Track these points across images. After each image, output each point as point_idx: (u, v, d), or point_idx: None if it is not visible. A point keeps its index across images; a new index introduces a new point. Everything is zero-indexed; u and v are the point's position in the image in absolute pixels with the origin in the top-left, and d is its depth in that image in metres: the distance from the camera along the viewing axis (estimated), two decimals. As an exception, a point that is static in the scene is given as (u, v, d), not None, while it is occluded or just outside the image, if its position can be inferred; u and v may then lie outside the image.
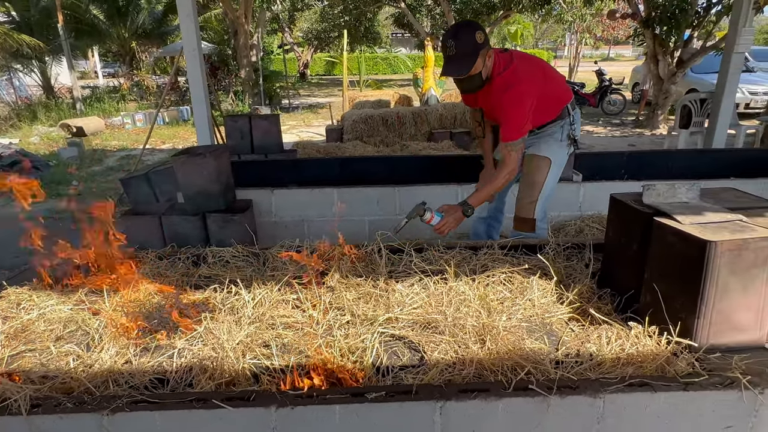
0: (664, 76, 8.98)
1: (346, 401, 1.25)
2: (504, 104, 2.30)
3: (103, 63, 24.27)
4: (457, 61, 2.25)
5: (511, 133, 2.31)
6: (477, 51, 2.23)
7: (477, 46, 2.23)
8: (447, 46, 2.25)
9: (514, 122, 2.30)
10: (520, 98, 2.29)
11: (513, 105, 2.29)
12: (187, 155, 3.01)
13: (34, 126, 10.96)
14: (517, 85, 2.28)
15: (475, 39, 2.22)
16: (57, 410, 1.25)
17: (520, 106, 2.29)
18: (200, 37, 4.61)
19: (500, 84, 2.31)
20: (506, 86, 2.29)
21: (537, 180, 2.56)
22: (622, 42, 24.24)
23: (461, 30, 2.28)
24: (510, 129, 2.31)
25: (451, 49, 2.23)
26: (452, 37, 2.23)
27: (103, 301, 1.81)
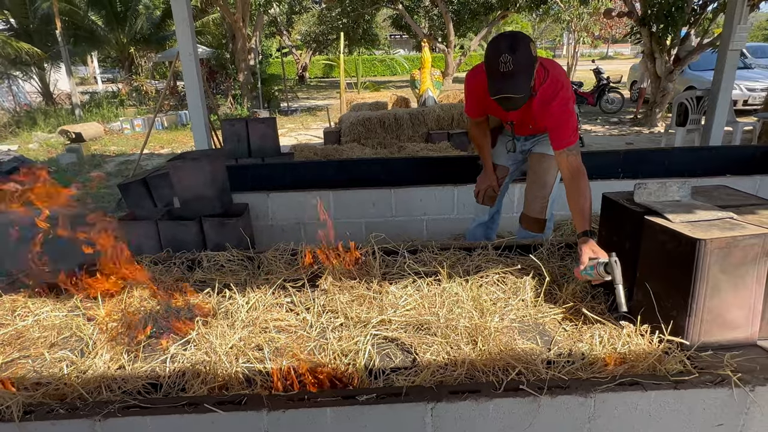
0: (662, 74, 8.98)
1: (337, 404, 1.26)
2: (555, 112, 2.19)
3: (102, 68, 24.32)
4: (516, 79, 2.00)
5: (570, 137, 2.18)
6: (533, 65, 2.04)
7: (533, 60, 2.04)
8: (501, 61, 1.98)
9: (570, 126, 2.20)
10: (567, 102, 2.21)
11: (564, 111, 2.19)
12: (182, 160, 3.01)
13: (33, 132, 10.98)
14: (561, 90, 2.20)
15: (531, 52, 2.02)
16: (49, 416, 1.25)
17: (570, 110, 2.22)
18: (196, 42, 4.62)
19: (545, 93, 2.20)
20: (552, 94, 2.19)
21: (548, 180, 2.53)
22: (621, 40, 24.23)
23: (517, 42, 2.01)
24: (568, 133, 2.18)
25: (508, 64, 1.97)
26: (509, 51, 1.97)
27: (97, 307, 1.82)
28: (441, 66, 17.35)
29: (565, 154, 2.18)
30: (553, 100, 2.19)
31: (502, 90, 2.04)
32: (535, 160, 2.60)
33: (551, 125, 2.23)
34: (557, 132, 2.20)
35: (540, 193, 2.55)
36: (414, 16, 19.55)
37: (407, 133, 6.85)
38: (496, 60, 1.99)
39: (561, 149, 2.18)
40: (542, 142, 2.59)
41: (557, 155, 2.23)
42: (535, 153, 2.61)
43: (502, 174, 2.76)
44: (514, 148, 2.66)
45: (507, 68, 1.98)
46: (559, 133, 2.19)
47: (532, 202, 2.58)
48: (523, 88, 2.04)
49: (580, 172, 2.11)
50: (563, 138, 2.18)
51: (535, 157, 2.60)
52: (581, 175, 2.11)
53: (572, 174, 2.13)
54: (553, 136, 2.23)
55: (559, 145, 2.18)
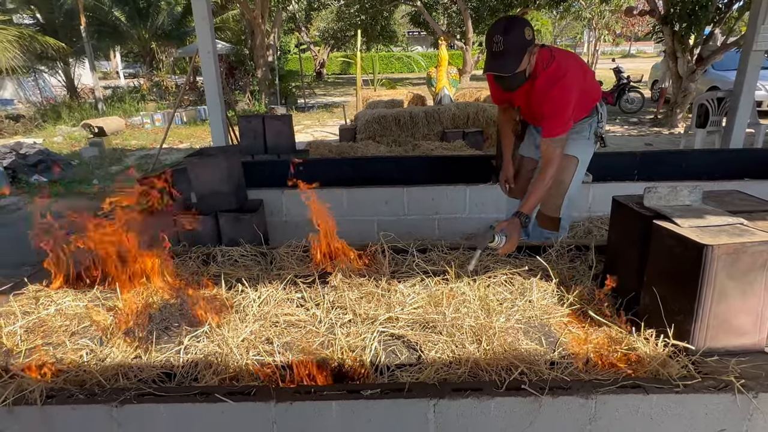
0: (683, 74, 8.81)
1: (342, 398, 1.30)
2: (549, 100, 2.24)
3: (124, 63, 24.78)
4: (504, 59, 2.15)
5: (556, 128, 2.25)
6: (525, 48, 2.15)
7: (525, 43, 2.14)
8: (494, 41, 2.13)
9: (560, 118, 2.25)
10: (565, 93, 2.24)
11: (559, 100, 2.24)
12: (199, 156, 3.09)
13: (57, 126, 11.28)
14: (563, 79, 2.23)
15: (524, 35, 2.13)
16: (70, 401, 1.32)
17: (565, 102, 2.25)
18: (216, 38, 4.70)
19: (545, 80, 2.25)
20: (552, 82, 2.23)
21: (564, 179, 2.53)
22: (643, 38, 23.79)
23: (510, 25, 2.15)
24: (555, 124, 2.25)
25: (498, 45, 2.12)
26: (500, 32, 2.12)
27: (117, 298, 1.89)
28: (459, 63, 17.26)
29: (548, 143, 2.27)
30: (554, 85, 2.23)
31: (491, 67, 2.21)
32: None
33: (545, 111, 2.28)
34: (550, 121, 2.27)
35: (554, 191, 2.55)
36: (432, 13, 19.46)
37: (422, 131, 6.85)
38: (490, 39, 2.17)
39: (546, 137, 2.27)
40: None
41: (542, 142, 2.32)
42: None
43: (531, 166, 2.77)
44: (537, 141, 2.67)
45: (498, 48, 2.14)
46: (551, 123, 2.26)
47: (547, 200, 2.57)
48: (510, 68, 2.17)
49: (553, 163, 2.25)
50: (554, 128, 2.25)
51: None
52: (553, 166, 2.25)
53: (546, 162, 2.27)
54: (544, 123, 2.29)
55: (548, 134, 2.27)
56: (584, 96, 2.41)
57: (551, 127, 2.25)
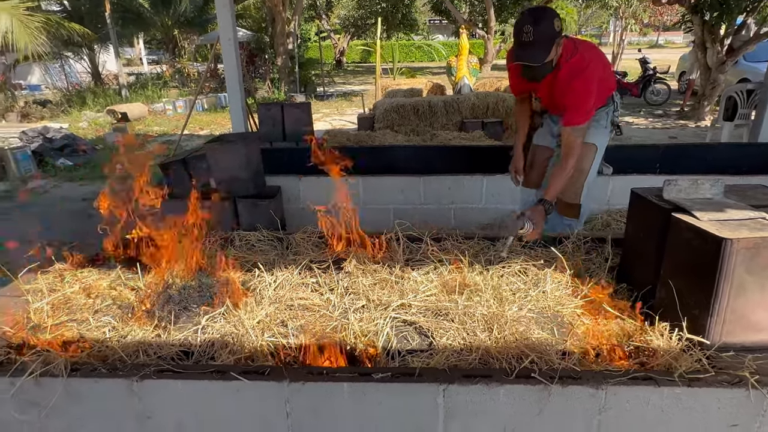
0: (713, 65, 8.55)
1: (354, 380, 1.32)
2: (572, 90, 2.29)
3: (147, 50, 25.09)
4: (533, 49, 2.18)
5: (579, 117, 2.29)
6: (554, 39, 2.19)
7: (554, 34, 2.18)
8: (524, 31, 2.16)
9: (583, 107, 2.29)
10: (587, 84, 2.29)
11: (581, 91, 2.28)
12: (219, 142, 3.13)
13: (82, 111, 11.52)
14: (586, 70, 2.27)
15: (553, 26, 2.17)
16: (93, 375, 1.37)
17: (587, 92, 2.30)
18: (236, 26, 4.73)
19: (568, 70, 2.28)
20: (576, 72, 2.27)
21: (584, 166, 2.54)
22: (671, 28, 23.08)
23: (541, 16, 2.18)
24: (578, 114, 2.29)
25: (529, 35, 2.15)
26: (530, 22, 2.15)
27: (138, 279, 1.95)
28: (480, 52, 17.03)
29: (568, 131, 2.31)
30: (576, 77, 2.27)
31: (520, 57, 2.24)
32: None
33: (569, 101, 2.32)
34: (572, 111, 2.31)
35: (576, 178, 2.56)
36: (454, 1, 19.21)
37: (441, 120, 6.81)
38: (520, 29, 2.18)
39: (568, 126, 2.31)
40: None
41: (563, 131, 2.36)
42: None
43: (546, 154, 2.79)
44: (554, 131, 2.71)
45: (527, 38, 2.16)
46: (573, 112, 2.30)
47: (568, 187, 2.57)
48: (539, 59, 2.20)
49: (574, 152, 2.30)
50: (575, 117, 2.29)
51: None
52: (574, 155, 2.30)
53: (566, 151, 2.32)
54: (567, 112, 2.33)
55: (568, 122, 2.30)
56: (602, 87, 2.43)
57: (573, 117, 2.29)
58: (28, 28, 9.54)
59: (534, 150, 2.84)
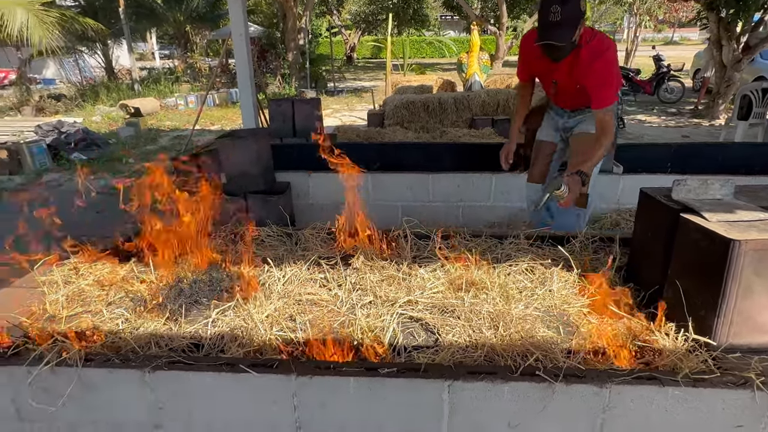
0: (728, 63, 8.43)
1: (360, 374, 1.35)
2: (597, 70, 2.33)
3: (159, 45, 25.26)
4: (561, 29, 2.22)
5: (609, 97, 2.34)
6: (579, 19, 2.23)
7: (580, 14, 2.23)
8: (551, 11, 2.20)
9: (609, 87, 2.35)
10: (612, 63, 2.36)
11: (607, 70, 2.34)
12: (230, 138, 3.16)
13: (96, 105, 11.66)
14: (608, 51, 2.33)
15: (579, 6, 2.22)
16: (106, 365, 1.41)
17: (611, 72, 2.37)
18: (248, 24, 4.76)
19: (589, 52, 2.33)
20: (597, 53, 2.32)
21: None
22: (687, 24, 22.73)
23: None
24: (607, 94, 2.34)
25: (556, 15, 2.20)
26: (559, 2, 2.19)
27: (150, 272, 1.99)
28: (492, 48, 16.91)
29: (602, 113, 2.34)
30: (599, 57, 2.31)
31: (547, 37, 2.26)
32: (578, 140, 2.66)
33: (594, 83, 2.35)
34: (599, 90, 2.34)
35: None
36: (466, -3, 19.06)
37: (451, 117, 6.79)
38: (547, 9, 2.21)
39: (600, 108, 2.34)
40: (584, 121, 2.65)
41: (594, 114, 2.38)
42: (576, 135, 2.67)
43: (549, 150, 2.84)
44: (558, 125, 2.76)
45: (555, 18, 2.19)
46: (601, 92, 2.33)
47: None
48: (566, 38, 2.24)
49: (609, 130, 2.33)
50: (604, 98, 2.33)
51: (577, 138, 2.67)
52: (608, 132, 2.33)
53: (602, 130, 2.34)
54: (594, 95, 2.36)
55: (599, 105, 2.33)
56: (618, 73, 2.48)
57: (603, 97, 2.33)
58: (43, 23, 9.65)
59: (537, 146, 2.87)
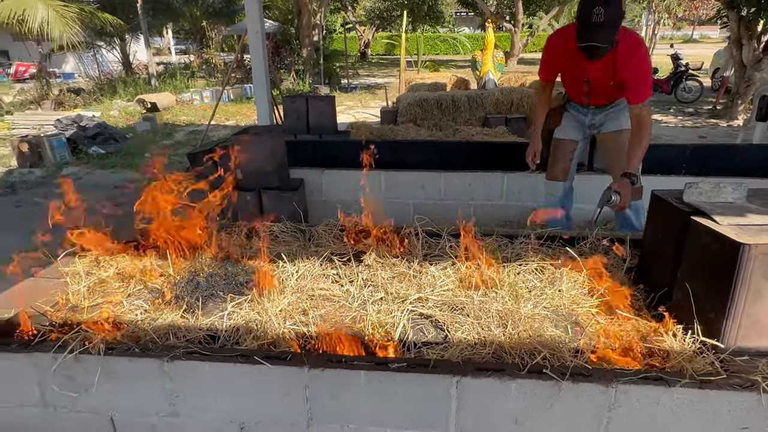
0: (748, 63, 8.29)
1: (370, 368, 1.38)
2: (633, 66, 2.39)
3: (175, 40, 25.52)
4: (604, 30, 2.26)
5: (646, 91, 2.42)
6: (621, 19, 2.30)
7: (622, 15, 2.30)
8: (594, 12, 2.24)
9: (647, 81, 2.43)
10: (646, 60, 2.43)
11: (645, 64, 2.42)
12: (245, 134, 3.22)
13: (113, 100, 11.85)
14: (642, 47, 2.41)
15: (621, 7, 2.28)
16: (127, 354, 1.46)
17: (648, 67, 2.45)
18: (264, 21, 4.81)
19: (626, 47, 2.38)
20: (634, 48, 2.38)
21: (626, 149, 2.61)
22: (707, 22, 22.32)
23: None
24: (645, 88, 2.42)
25: (599, 16, 2.23)
26: (603, 4, 2.23)
27: (168, 265, 2.04)
28: (507, 45, 16.79)
29: (638, 108, 2.39)
30: (635, 53, 2.37)
31: (590, 39, 2.30)
32: (611, 138, 2.72)
33: (632, 77, 2.41)
34: (637, 85, 2.40)
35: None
36: (481, -6, 18.93)
37: (464, 115, 6.79)
38: (590, 10, 2.24)
39: (638, 103, 2.39)
40: (612, 118, 2.71)
41: (632, 109, 2.43)
42: (609, 132, 2.73)
43: (571, 148, 2.88)
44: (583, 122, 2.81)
45: (598, 19, 2.23)
46: (639, 87, 2.40)
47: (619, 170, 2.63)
48: (610, 39, 2.29)
49: (647, 124, 2.38)
50: (642, 92, 2.39)
51: (610, 136, 2.73)
52: (647, 126, 2.38)
53: (640, 125, 2.39)
54: (632, 90, 2.42)
55: (638, 99, 2.39)
56: None
57: (642, 91, 2.40)
58: (63, 18, 9.84)
59: (557, 144, 2.88)
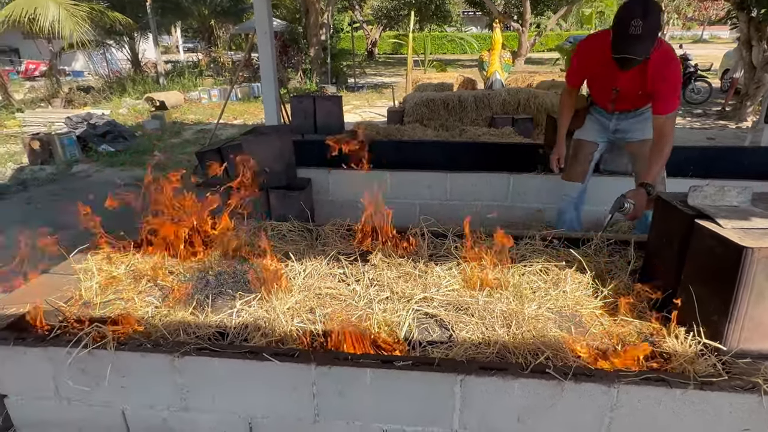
0: (758, 64, 8.22)
1: (376, 366, 1.41)
2: (665, 78, 2.40)
3: (183, 38, 25.66)
4: (642, 42, 2.26)
5: (675, 102, 2.43)
6: (658, 31, 2.30)
7: (659, 27, 2.29)
8: (632, 24, 2.23)
9: (676, 94, 2.45)
10: (678, 73, 2.45)
11: (674, 78, 2.43)
12: (254, 134, 3.26)
13: (122, 98, 11.95)
14: (675, 60, 2.42)
15: (659, 20, 2.27)
16: (139, 349, 1.50)
17: (679, 79, 2.48)
18: (272, 21, 4.84)
19: (659, 58, 2.38)
20: (668, 60, 2.39)
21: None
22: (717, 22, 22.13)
23: (650, 9, 2.24)
24: (674, 99, 2.43)
25: (637, 28, 2.22)
26: (640, 16, 2.21)
27: (178, 263, 2.08)
28: (514, 45, 16.75)
29: (663, 119, 2.41)
30: (668, 65, 2.39)
31: (625, 51, 2.29)
32: (637, 147, 2.75)
33: (663, 89, 2.42)
34: (667, 97, 2.42)
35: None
36: (489, -7, 18.88)
37: (471, 116, 6.79)
38: (628, 22, 2.24)
39: (664, 115, 2.40)
40: (638, 128, 2.73)
41: (656, 119, 2.44)
42: (635, 141, 2.76)
43: (591, 149, 2.90)
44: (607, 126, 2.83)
45: (636, 31, 2.22)
46: (668, 98, 2.41)
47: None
48: (646, 52, 2.29)
49: (669, 136, 2.42)
50: (670, 103, 2.41)
51: (637, 145, 2.76)
52: (669, 138, 2.42)
53: (661, 136, 2.42)
54: (661, 101, 2.43)
55: (665, 110, 2.40)
56: None
57: (670, 103, 2.42)
58: (74, 16, 9.93)
59: (577, 145, 2.90)
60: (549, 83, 8.11)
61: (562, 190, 3.03)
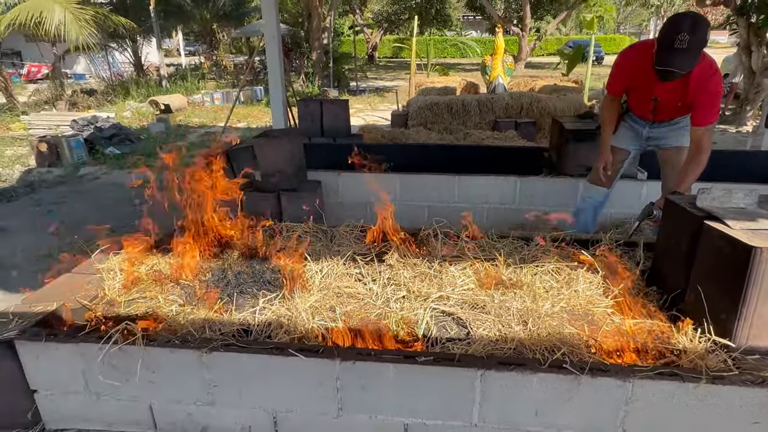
0: (757, 69, 8.30)
1: (399, 362, 1.46)
2: (706, 91, 2.42)
3: (185, 42, 25.71)
4: (687, 56, 2.27)
5: (714, 115, 2.46)
6: (703, 46, 2.30)
7: (705, 42, 2.29)
8: (678, 38, 2.24)
9: (716, 107, 2.46)
10: (719, 86, 2.46)
11: (715, 92, 2.44)
12: (265, 138, 3.31)
13: (126, 101, 12.00)
14: (717, 73, 2.43)
15: (706, 35, 2.28)
16: (168, 345, 1.55)
17: (719, 93, 2.48)
18: (280, 26, 4.91)
19: (701, 72, 2.39)
20: (710, 73, 2.41)
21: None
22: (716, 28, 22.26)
23: (698, 24, 2.24)
24: (713, 112, 2.45)
25: (683, 42, 2.23)
26: (688, 30, 2.22)
27: (197, 263, 2.13)
28: (514, 49, 16.85)
29: (701, 131, 2.43)
30: (710, 79, 2.40)
31: (669, 64, 2.29)
32: (671, 154, 2.77)
33: (703, 102, 2.44)
34: (707, 110, 2.43)
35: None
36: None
37: (474, 119, 6.86)
38: (675, 35, 2.24)
39: (703, 127, 2.42)
40: (672, 135, 2.74)
41: (694, 131, 2.46)
42: (670, 148, 2.78)
43: (622, 157, 2.92)
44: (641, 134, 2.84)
45: (681, 45, 2.23)
46: (708, 111, 2.43)
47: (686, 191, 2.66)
48: (690, 66, 2.30)
49: (707, 150, 2.45)
50: (710, 116, 2.43)
51: (670, 152, 2.78)
52: (706, 152, 2.45)
53: (699, 149, 2.45)
54: (700, 113, 2.45)
55: (705, 122, 2.42)
56: None
57: (709, 115, 2.44)
58: (79, 20, 10.00)
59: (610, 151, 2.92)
60: (551, 87, 8.18)
61: (585, 191, 3.05)
